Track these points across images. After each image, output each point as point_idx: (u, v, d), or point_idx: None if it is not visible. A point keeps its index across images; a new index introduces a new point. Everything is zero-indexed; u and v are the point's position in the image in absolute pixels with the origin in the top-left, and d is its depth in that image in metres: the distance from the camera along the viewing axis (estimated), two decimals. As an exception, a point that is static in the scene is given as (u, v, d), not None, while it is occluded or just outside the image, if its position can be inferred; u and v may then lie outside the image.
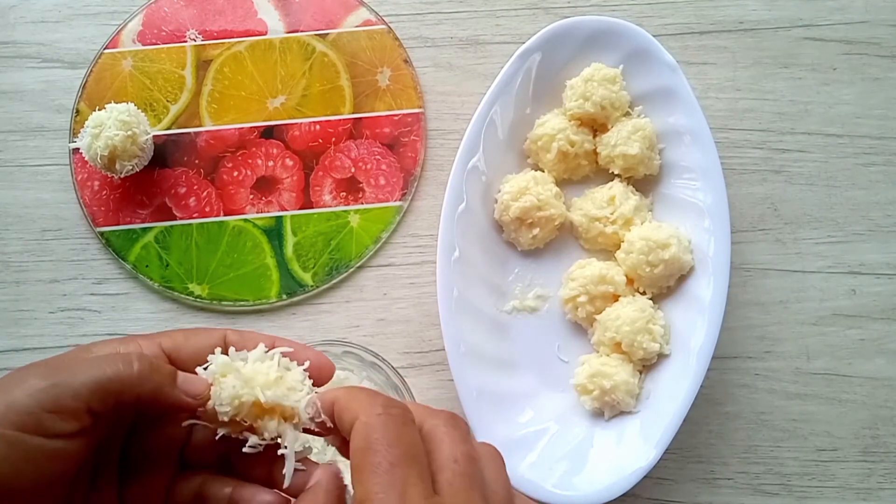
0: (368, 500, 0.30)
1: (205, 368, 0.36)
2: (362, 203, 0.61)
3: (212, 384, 0.36)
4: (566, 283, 0.57)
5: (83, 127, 0.57)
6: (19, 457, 0.31)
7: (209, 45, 0.63)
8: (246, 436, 0.36)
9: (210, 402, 0.35)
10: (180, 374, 0.36)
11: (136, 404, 0.34)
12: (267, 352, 0.37)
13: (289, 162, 0.61)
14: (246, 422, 0.35)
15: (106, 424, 0.34)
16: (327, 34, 0.63)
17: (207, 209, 0.61)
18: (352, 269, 0.60)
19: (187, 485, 0.37)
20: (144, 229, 0.61)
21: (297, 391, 0.36)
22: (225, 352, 0.37)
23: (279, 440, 0.35)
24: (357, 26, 0.63)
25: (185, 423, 0.36)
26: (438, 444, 0.32)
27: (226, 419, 0.35)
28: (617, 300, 0.56)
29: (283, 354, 0.37)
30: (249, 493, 0.36)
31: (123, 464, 0.37)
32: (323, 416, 0.35)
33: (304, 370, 0.37)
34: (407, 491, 0.30)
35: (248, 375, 0.35)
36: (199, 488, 0.37)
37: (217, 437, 0.36)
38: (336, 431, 0.35)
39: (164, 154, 0.61)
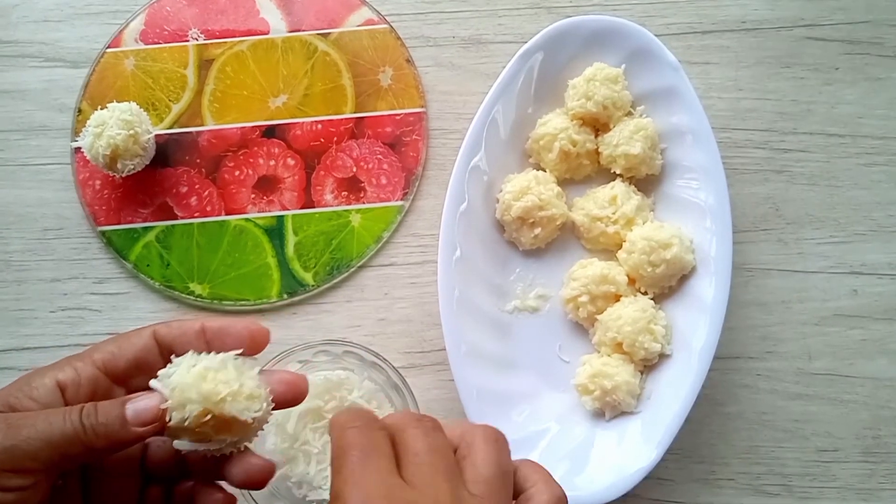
0: (342, 482, 0.32)
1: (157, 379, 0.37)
2: (364, 202, 0.61)
3: (165, 403, 0.36)
4: (567, 283, 0.57)
5: (85, 126, 0.57)
6: None
7: (211, 44, 0.63)
8: (204, 446, 0.36)
9: (171, 418, 0.36)
10: (129, 404, 0.36)
11: (94, 456, 0.36)
12: (216, 353, 0.37)
13: (290, 161, 0.61)
14: (206, 433, 0.36)
15: (62, 470, 0.36)
16: (329, 33, 0.63)
17: (209, 208, 0.61)
18: (353, 269, 0.60)
19: (154, 493, 0.40)
20: (146, 228, 0.61)
21: (255, 399, 0.37)
22: (163, 352, 0.38)
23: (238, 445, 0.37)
24: (359, 26, 0.63)
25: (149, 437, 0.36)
26: (402, 442, 0.35)
27: (187, 439, 0.36)
28: (618, 300, 0.56)
29: (214, 332, 0.38)
30: (206, 492, 0.39)
31: (86, 486, 0.39)
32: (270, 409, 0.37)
33: (258, 372, 0.38)
34: (370, 470, 0.33)
35: (207, 392, 0.35)
36: (164, 495, 0.40)
37: (181, 451, 0.37)
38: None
39: (166, 153, 0.61)
